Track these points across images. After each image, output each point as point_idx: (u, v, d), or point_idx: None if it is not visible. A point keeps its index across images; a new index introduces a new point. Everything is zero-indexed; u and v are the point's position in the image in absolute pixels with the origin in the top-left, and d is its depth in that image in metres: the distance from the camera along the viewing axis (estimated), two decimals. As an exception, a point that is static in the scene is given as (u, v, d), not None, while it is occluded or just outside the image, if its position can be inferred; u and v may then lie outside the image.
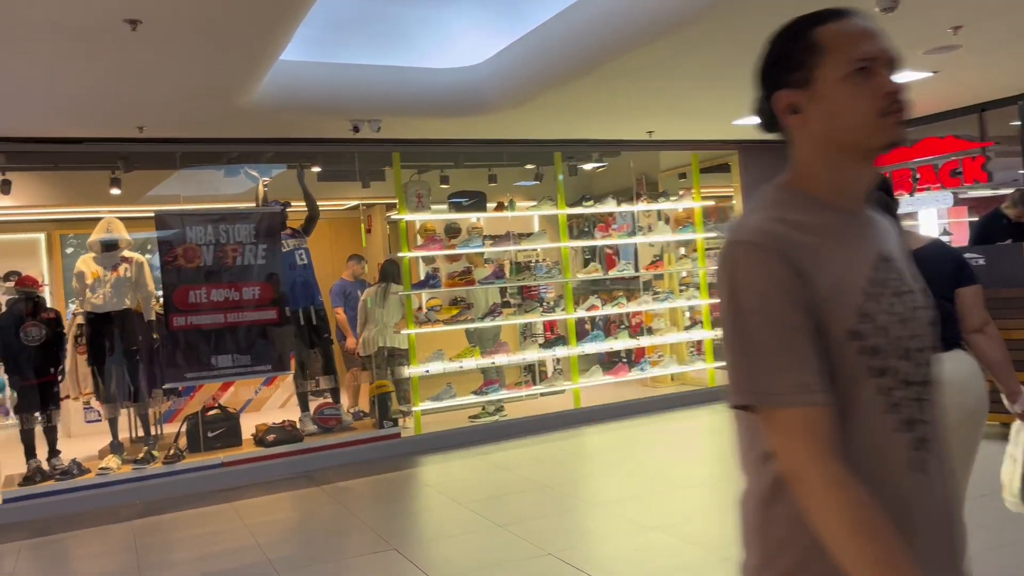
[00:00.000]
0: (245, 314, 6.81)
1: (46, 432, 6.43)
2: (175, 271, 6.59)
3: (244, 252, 6.82)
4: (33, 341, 6.36)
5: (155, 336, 6.86)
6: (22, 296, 6.44)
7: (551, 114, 6.71)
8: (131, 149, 6.81)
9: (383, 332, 8.26)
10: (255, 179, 7.36)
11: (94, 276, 6.69)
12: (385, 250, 11.94)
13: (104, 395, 6.78)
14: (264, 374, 6.94)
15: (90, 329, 6.72)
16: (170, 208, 6.70)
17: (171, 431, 7.83)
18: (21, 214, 10.06)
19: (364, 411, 8.99)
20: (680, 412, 8.40)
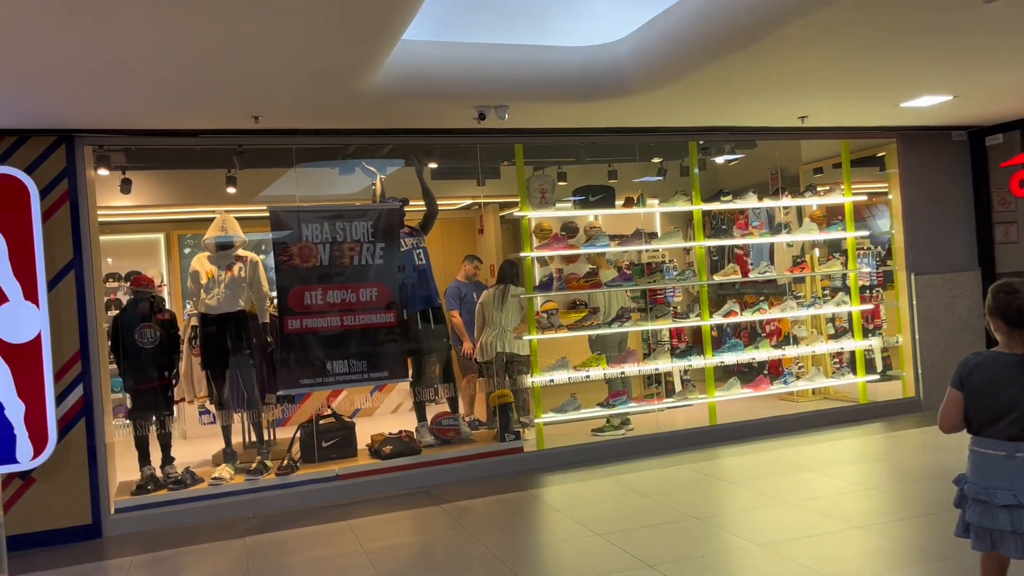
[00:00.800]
0: (362, 317, 6.40)
1: (160, 438, 6.18)
2: (290, 271, 6.22)
3: (361, 251, 6.40)
4: (148, 343, 6.12)
5: (269, 339, 6.52)
6: (137, 297, 6.21)
7: (694, 97, 6.00)
8: (247, 142, 6.49)
9: (502, 337, 7.72)
10: (372, 175, 6.95)
11: (208, 275, 6.41)
12: (497, 251, 11.45)
13: (217, 400, 6.49)
14: (381, 381, 6.53)
15: (203, 331, 6.44)
16: (285, 204, 6.34)
17: (283, 436, 7.54)
18: (141, 214, 10.06)
19: (480, 420, 8.50)
20: (829, 432, 7.52)
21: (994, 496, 2.87)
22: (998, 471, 2.89)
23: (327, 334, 6.31)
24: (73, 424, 5.61)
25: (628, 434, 7.72)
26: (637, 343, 8.95)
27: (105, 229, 10.81)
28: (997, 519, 2.87)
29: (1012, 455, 2.87)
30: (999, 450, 2.90)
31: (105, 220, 10.57)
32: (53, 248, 5.58)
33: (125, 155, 8.63)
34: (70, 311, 5.62)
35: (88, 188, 5.80)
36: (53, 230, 5.60)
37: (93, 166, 6.48)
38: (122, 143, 6.23)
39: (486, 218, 11.85)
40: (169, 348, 6.24)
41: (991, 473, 2.91)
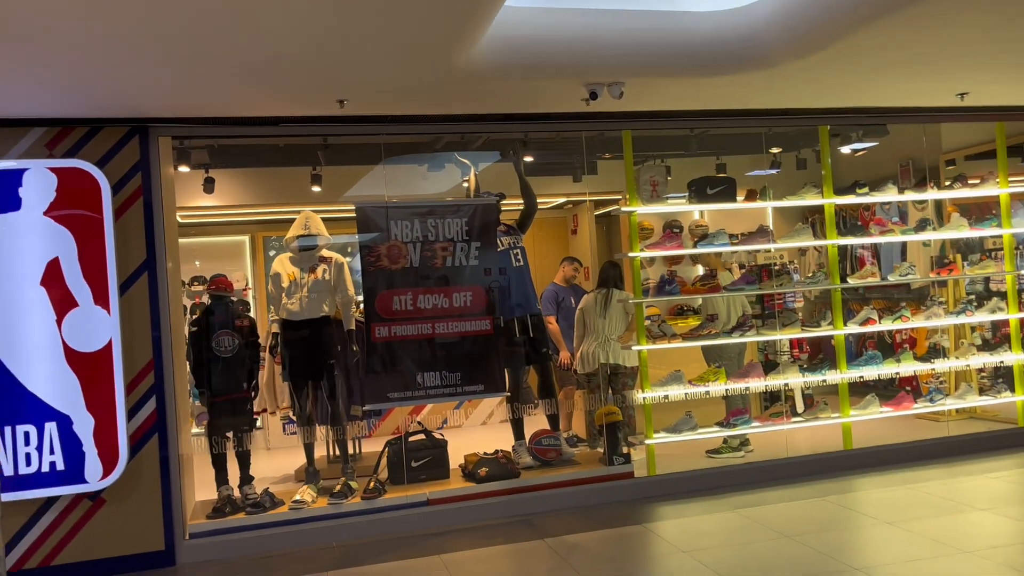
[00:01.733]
0: (456, 324, 5.76)
1: (238, 456, 5.68)
2: (377, 273, 5.63)
3: (455, 251, 5.77)
4: (226, 351, 5.62)
5: (355, 348, 5.96)
6: (216, 301, 5.73)
7: (838, 71, 5.16)
8: (332, 132, 5.94)
9: (605, 346, 6.98)
10: (466, 168, 6.31)
11: (290, 278, 5.89)
12: (592, 252, 10.71)
13: (299, 415, 5.95)
14: (477, 395, 5.88)
15: (285, 338, 5.92)
16: (372, 201, 5.76)
17: (369, 450, 6.99)
18: (225, 215, 9.72)
19: (579, 436, 7.79)
20: (986, 460, 6.50)
21: None
22: None
23: (417, 342, 5.70)
24: (145, 440, 5.14)
25: (748, 456, 6.89)
26: (752, 355, 8.08)
27: (190, 231, 10.56)
28: None
29: None
30: None
31: (189, 221, 10.33)
32: (126, 248, 5.13)
33: (208, 153, 8.25)
34: (143, 317, 5.15)
35: (164, 182, 5.33)
36: (126, 229, 5.15)
37: (172, 161, 6.06)
38: (198, 133, 5.75)
39: (580, 217, 11.13)
40: (249, 357, 5.73)
41: None
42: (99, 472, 4.94)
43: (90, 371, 4.95)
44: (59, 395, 4.91)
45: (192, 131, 5.61)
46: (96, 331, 4.97)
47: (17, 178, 4.87)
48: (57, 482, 4.89)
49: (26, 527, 4.91)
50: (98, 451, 4.95)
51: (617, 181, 8.97)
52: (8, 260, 4.85)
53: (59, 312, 4.92)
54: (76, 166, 4.98)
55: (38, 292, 4.89)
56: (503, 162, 7.03)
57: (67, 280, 4.94)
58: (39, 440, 4.87)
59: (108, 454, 4.97)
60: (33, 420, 4.86)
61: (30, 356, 4.86)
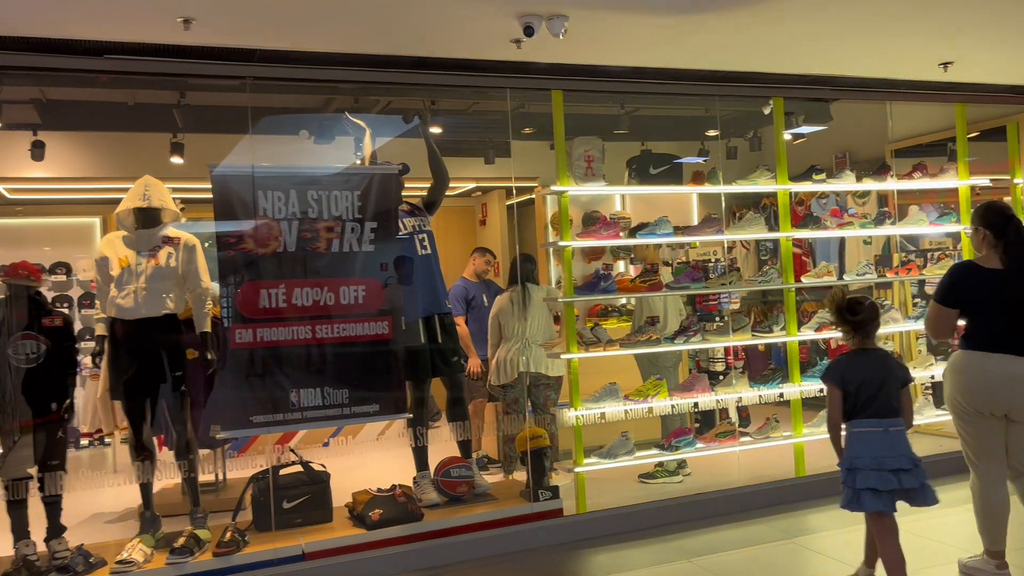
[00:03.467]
0: (344, 326, 4.49)
1: (46, 503, 4.22)
2: (239, 258, 4.30)
3: (344, 233, 4.50)
4: (27, 360, 4.16)
5: (210, 356, 4.58)
6: (14, 294, 4.25)
7: (811, 19, 4.20)
8: (177, 69, 4.51)
9: (526, 352, 5.88)
10: (360, 131, 5.01)
11: (122, 264, 4.46)
12: (504, 246, 9.60)
13: (133, 445, 4.52)
14: (370, 418, 4.63)
15: (114, 344, 4.49)
16: (233, 166, 4.42)
17: (236, 477, 5.62)
18: (65, 190, 8.04)
19: (490, 457, 6.67)
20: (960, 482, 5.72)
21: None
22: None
23: (292, 350, 4.39)
24: None
25: (687, 482, 5.94)
26: (685, 365, 7.15)
27: (26, 209, 8.82)
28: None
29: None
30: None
31: (18, 197, 8.60)
32: None
33: (37, 110, 6.67)
34: None
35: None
36: None
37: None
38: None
39: (490, 207, 9.99)
40: (60, 366, 4.28)
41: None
42: None
43: None
44: None
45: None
46: None
47: None
48: None
49: None
50: None
51: (534, 165, 7.86)
52: None
53: None
54: None
55: None
56: (406, 137, 5.79)
57: None
58: None
59: None
60: None
61: None
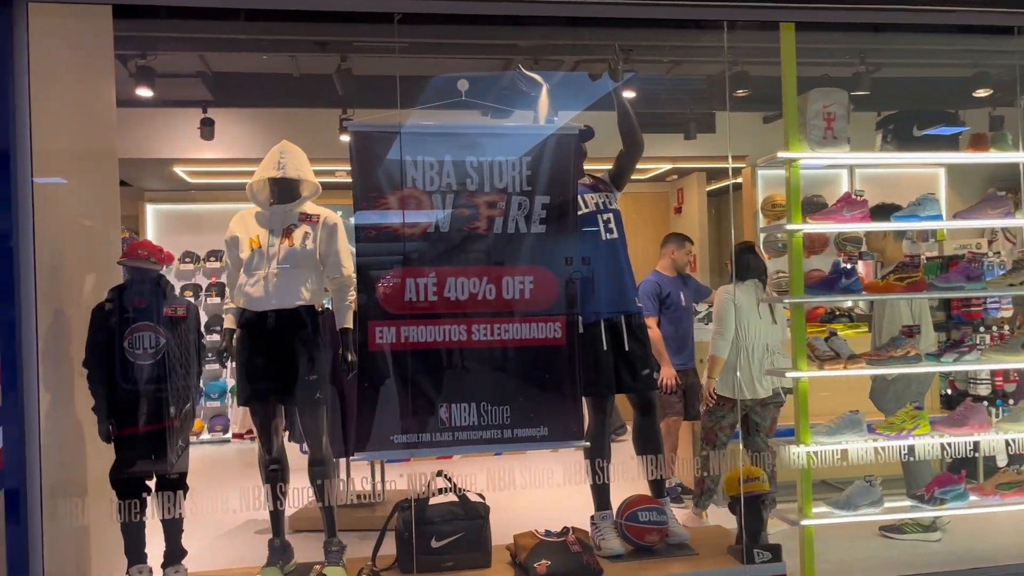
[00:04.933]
0: (506, 326, 3.56)
1: (164, 524, 3.61)
2: (380, 241, 3.48)
3: (509, 210, 3.56)
4: (145, 356, 3.56)
5: (350, 358, 3.79)
6: (134, 278, 3.67)
7: None
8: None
9: (762, 367, 4.75)
10: (535, 85, 4.04)
11: (253, 245, 3.77)
12: (702, 238, 8.38)
13: (261, 462, 3.83)
14: (538, 444, 3.66)
15: (242, 340, 3.80)
16: (377, 123, 3.59)
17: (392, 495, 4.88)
18: (236, 172, 7.75)
19: (684, 486, 5.58)
20: None
21: None
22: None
23: (443, 356, 3.52)
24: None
25: (946, 542, 4.56)
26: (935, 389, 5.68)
27: (200, 195, 8.68)
28: None
29: None
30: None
31: (199, 182, 8.45)
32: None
33: (205, 84, 6.29)
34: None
35: (39, 74, 3.28)
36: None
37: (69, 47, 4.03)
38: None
39: (687, 192, 8.80)
40: (182, 364, 3.66)
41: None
42: None
43: None
44: None
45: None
46: None
47: None
48: None
49: None
50: None
51: (743, 142, 6.60)
52: None
53: None
54: None
55: None
56: (589, 105, 4.77)
57: None
58: None
59: (-92, 526, 2.95)
60: None
61: None
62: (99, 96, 4.25)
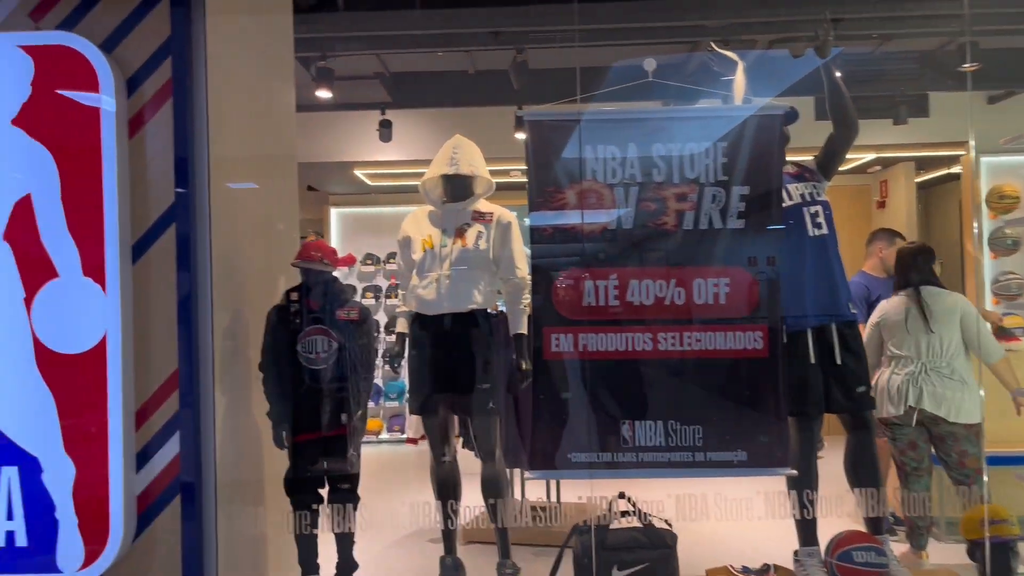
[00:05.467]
0: (699, 335, 3.15)
1: (337, 535, 3.50)
2: (556, 241, 3.18)
3: (702, 203, 3.15)
4: (317, 360, 3.46)
5: (524, 367, 3.53)
6: (309, 281, 3.58)
7: None
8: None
9: (923, 381, 4.03)
10: (728, 64, 3.61)
11: (424, 246, 3.59)
12: (911, 232, 7.47)
13: (433, 474, 3.63)
14: (735, 470, 3.22)
15: (414, 345, 3.63)
16: (553, 112, 3.29)
17: (568, 507, 4.56)
18: (409, 173, 7.75)
19: (896, 515, 4.87)
20: None
21: None
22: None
23: (626, 367, 3.16)
24: (162, 506, 3.09)
25: None
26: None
27: (380, 197, 8.79)
28: None
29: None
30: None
31: (380, 184, 8.54)
32: (142, 185, 3.10)
33: (383, 85, 6.28)
34: (165, 299, 3.10)
35: (215, 75, 3.24)
36: (143, 151, 3.11)
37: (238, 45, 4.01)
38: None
39: (892, 184, 7.90)
40: (355, 369, 3.53)
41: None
42: (78, 555, 2.96)
43: (72, 385, 2.97)
44: (23, 423, 2.98)
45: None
46: (83, 319, 2.98)
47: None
48: (15, 566, 2.97)
49: (-26, 632, 3.06)
50: (79, 520, 2.97)
51: (963, 127, 5.77)
52: (-46, 197, 2.99)
53: (29, 285, 2.99)
54: (62, 43, 3.01)
55: (1, 251, 2.99)
56: (788, 91, 4.24)
57: (42, 233, 2.99)
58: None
59: (93, 526, 2.97)
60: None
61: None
62: (279, 99, 4.24)
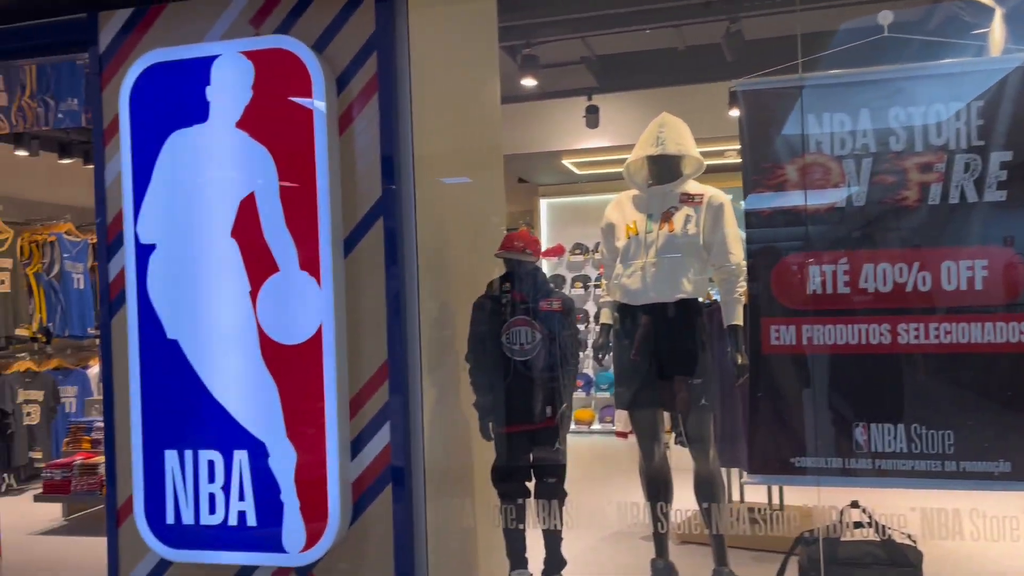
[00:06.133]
0: (949, 326, 2.73)
1: (543, 532, 3.43)
2: (776, 223, 2.88)
3: (952, 173, 2.72)
4: (522, 351, 3.40)
5: (740, 361, 3.26)
6: (511, 270, 3.53)
7: None
8: None
9: None
10: (983, 12, 3.10)
11: (629, 232, 3.41)
12: None
13: (642, 472, 3.45)
14: (994, 483, 2.76)
15: (619, 337, 3.47)
16: (770, 80, 2.98)
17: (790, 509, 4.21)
18: (618, 161, 7.56)
19: None
20: None
21: None
22: None
23: (859, 363, 2.80)
24: (375, 494, 3.16)
25: None
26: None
27: (588, 186, 8.68)
28: None
29: None
30: None
31: (588, 173, 8.43)
32: (351, 180, 3.17)
33: (589, 68, 6.17)
34: (375, 291, 3.15)
35: (420, 69, 3.26)
36: (352, 147, 3.18)
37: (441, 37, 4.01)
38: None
39: None
40: (558, 362, 3.43)
41: None
42: (300, 538, 3.09)
43: (292, 374, 3.11)
44: (251, 409, 3.15)
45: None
46: (300, 312, 3.11)
47: (203, 72, 3.20)
48: (248, 543, 3.16)
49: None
50: (300, 504, 3.10)
51: None
52: (190, 197, 3.21)
53: (254, 279, 3.16)
54: (278, 47, 3.13)
55: (228, 247, 3.18)
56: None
57: (265, 229, 3.14)
58: (226, 476, 3.18)
59: (313, 510, 3.09)
60: (219, 444, 3.18)
61: (214, 345, 3.18)
62: (484, 90, 4.23)
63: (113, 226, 3.33)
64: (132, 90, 3.22)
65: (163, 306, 3.21)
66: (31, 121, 5.10)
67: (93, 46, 3.37)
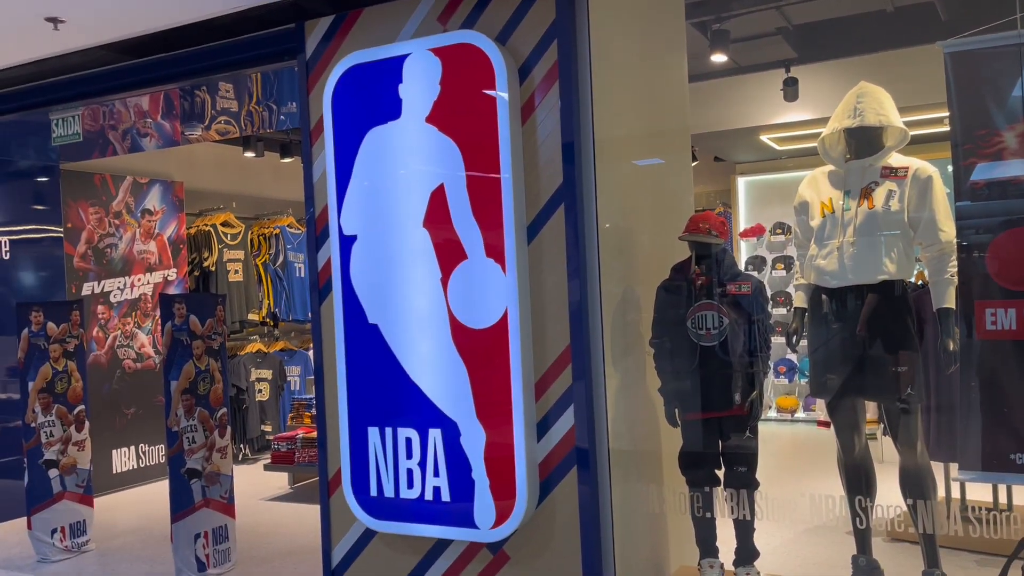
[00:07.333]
0: None
1: (735, 521, 3.33)
2: (992, 196, 2.60)
3: None
4: (709, 337, 3.31)
5: (952, 348, 2.98)
6: (701, 253, 3.44)
7: None
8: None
9: None
10: None
11: (824, 210, 3.22)
12: None
13: (840, 464, 3.26)
14: None
15: (814, 321, 3.28)
16: (982, 38, 2.68)
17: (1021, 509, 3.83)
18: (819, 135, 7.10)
19: None
20: None
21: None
22: None
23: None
24: (561, 475, 3.21)
25: None
26: None
27: (788, 163, 8.23)
28: None
29: None
30: None
31: (788, 148, 7.99)
32: (533, 169, 3.23)
33: (787, 41, 5.87)
34: (557, 277, 3.19)
35: (600, 55, 3.24)
36: (534, 137, 3.23)
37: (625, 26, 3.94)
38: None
39: None
40: (747, 348, 3.32)
41: None
42: (491, 515, 3.21)
43: (480, 358, 3.23)
44: (443, 390, 3.31)
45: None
46: (487, 297, 3.22)
47: (396, 71, 3.37)
48: (443, 518, 3.33)
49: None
50: (490, 482, 3.22)
51: None
52: (386, 190, 3.41)
53: (444, 267, 3.30)
54: (463, 41, 3.25)
55: (420, 236, 3.35)
56: None
57: (454, 219, 3.28)
58: (422, 453, 3.36)
59: (502, 489, 3.20)
60: (415, 423, 3.37)
61: (410, 329, 3.37)
62: (670, 70, 4.14)
63: (320, 219, 3.61)
64: (334, 92, 3.48)
65: (364, 293, 3.44)
66: (257, 125, 5.62)
67: (301, 53, 3.66)
